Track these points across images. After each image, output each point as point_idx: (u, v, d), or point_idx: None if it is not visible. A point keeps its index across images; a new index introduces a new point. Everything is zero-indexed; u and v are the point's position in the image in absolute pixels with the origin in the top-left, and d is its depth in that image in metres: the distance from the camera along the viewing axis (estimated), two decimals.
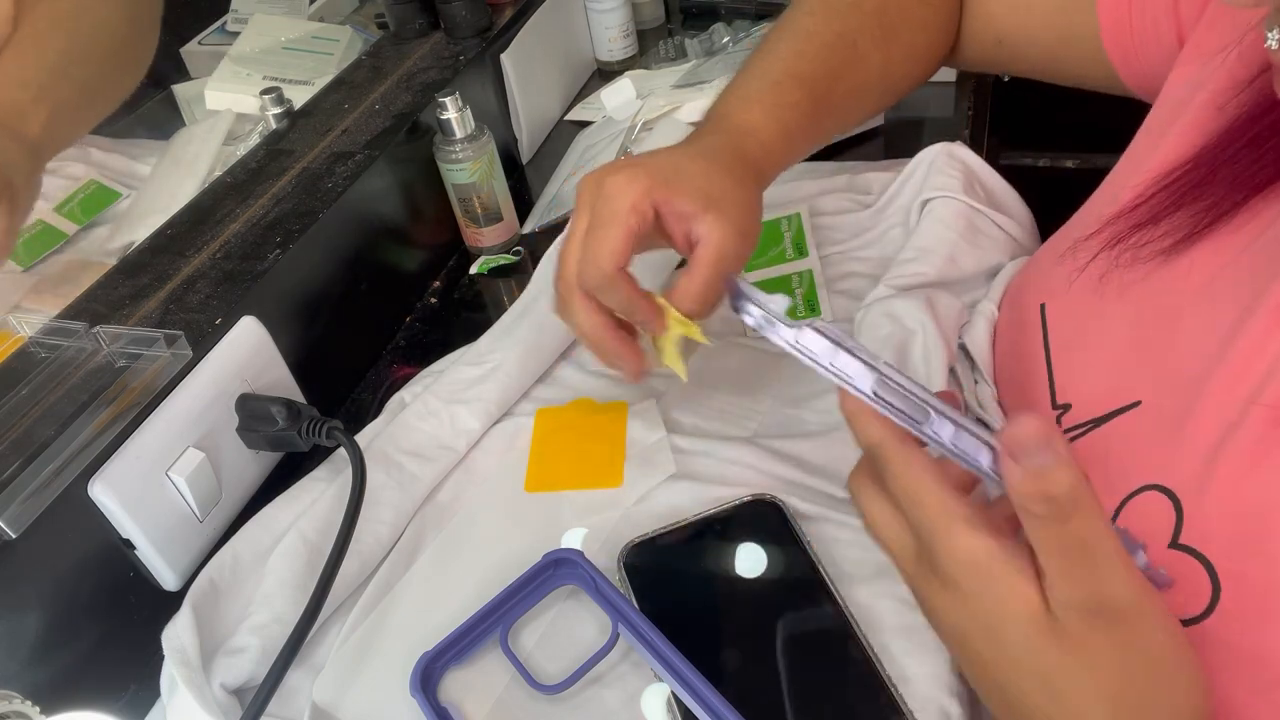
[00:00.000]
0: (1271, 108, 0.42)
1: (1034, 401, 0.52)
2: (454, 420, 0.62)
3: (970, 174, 0.70)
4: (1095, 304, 0.50)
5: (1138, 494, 0.43)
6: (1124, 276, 0.49)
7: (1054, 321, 0.53)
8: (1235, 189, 0.44)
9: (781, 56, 0.60)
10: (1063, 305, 0.53)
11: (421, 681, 0.48)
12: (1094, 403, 0.48)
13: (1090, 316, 0.50)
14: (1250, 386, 0.39)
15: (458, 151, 0.77)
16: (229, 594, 0.54)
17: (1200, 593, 0.39)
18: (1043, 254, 0.59)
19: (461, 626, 0.50)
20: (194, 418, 0.55)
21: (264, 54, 0.94)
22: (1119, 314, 0.49)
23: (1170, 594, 0.40)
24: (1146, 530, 0.42)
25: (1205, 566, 0.39)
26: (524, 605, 0.52)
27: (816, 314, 0.67)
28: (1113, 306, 0.49)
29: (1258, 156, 0.43)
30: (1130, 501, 0.43)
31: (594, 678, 0.49)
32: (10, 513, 0.46)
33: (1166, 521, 0.41)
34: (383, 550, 0.57)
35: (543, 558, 0.52)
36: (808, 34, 0.61)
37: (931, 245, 0.65)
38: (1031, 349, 0.54)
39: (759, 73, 0.60)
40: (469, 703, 0.49)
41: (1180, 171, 0.47)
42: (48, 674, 0.50)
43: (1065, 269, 0.52)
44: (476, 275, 0.81)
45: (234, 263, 0.63)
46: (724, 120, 0.57)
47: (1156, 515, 0.42)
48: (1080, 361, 0.50)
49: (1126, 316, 0.48)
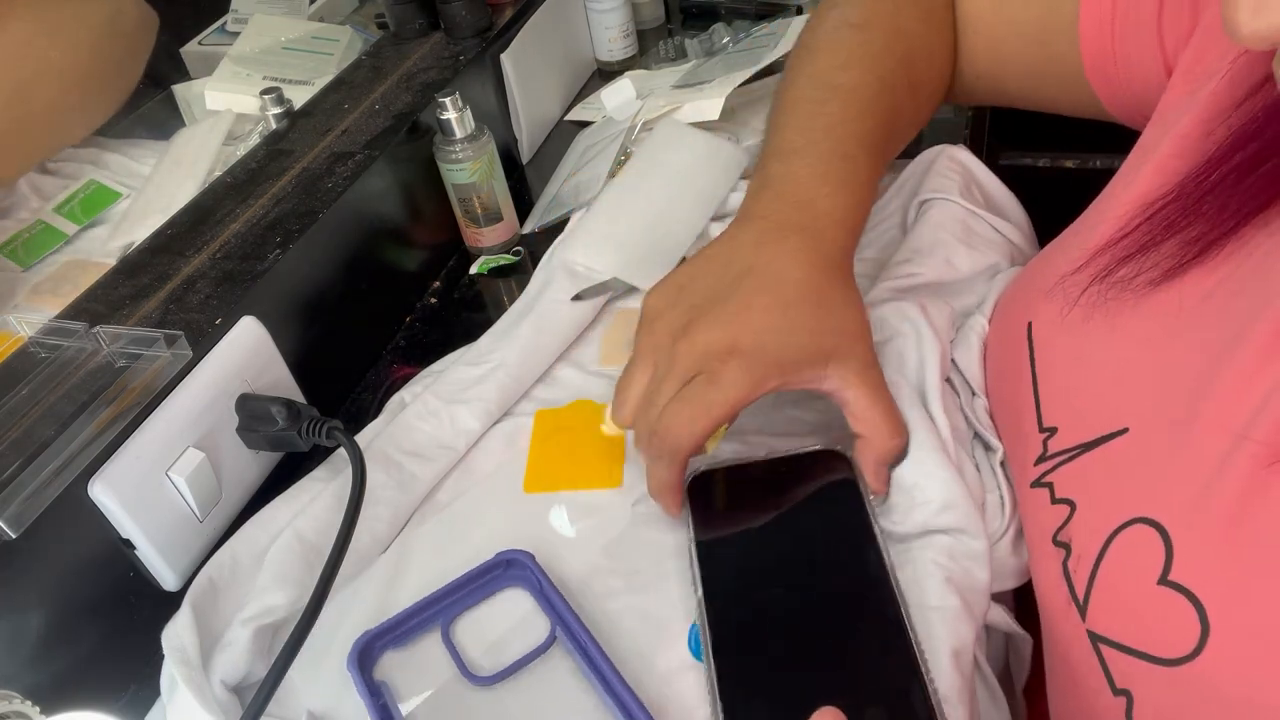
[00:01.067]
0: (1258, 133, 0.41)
1: (1022, 423, 0.51)
2: (454, 420, 0.62)
3: (969, 177, 0.70)
4: (1082, 328, 0.49)
5: (1127, 526, 0.42)
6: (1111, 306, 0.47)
7: (1040, 342, 0.52)
8: (1224, 217, 0.43)
9: (841, 121, 0.57)
10: (1049, 327, 0.51)
11: (359, 658, 0.50)
12: (1081, 428, 0.47)
13: (1077, 340, 0.49)
14: (1241, 421, 0.38)
15: (458, 151, 0.77)
16: (228, 593, 0.54)
17: (1189, 632, 0.38)
18: (1032, 271, 0.57)
19: (404, 611, 0.52)
20: (194, 418, 0.56)
21: (264, 54, 0.94)
22: (1106, 340, 0.47)
23: (1159, 632, 0.39)
24: (1134, 564, 0.41)
25: (1195, 605, 0.38)
26: (469, 599, 0.54)
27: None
28: (1100, 333, 0.48)
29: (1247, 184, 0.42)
30: (1120, 534, 0.42)
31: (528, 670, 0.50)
32: (10, 513, 0.46)
33: (1156, 557, 0.40)
34: (380, 549, 0.57)
35: (494, 556, 0.54)
36: (853, 90, 0.58)
37: (927, 247, 0.65)
38: (1018, 368, 0.52)
39: (825, 142, 0.56)
40: (404, 683, 0.51)
41: (1166, 200, 0.46)
42: (48, 674, 0.50)
43: (1055, 304, 0.50)
44: (476, 275, 0.81)
45: (234, 263, 0.63)
46: (807, 210, 0.53)
47: (1146, 549, 0.40)
48: (1066, 385, 0.49)
49: (1114, 341, 0.47)
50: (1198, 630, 0.38)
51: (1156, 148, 0.49)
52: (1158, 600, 0.39)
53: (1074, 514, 0.45)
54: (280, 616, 0.52)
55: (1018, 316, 0.55)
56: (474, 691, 0.50)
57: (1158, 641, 0.39)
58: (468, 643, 0.52)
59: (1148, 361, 0.45)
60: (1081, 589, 0.43)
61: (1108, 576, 0.42)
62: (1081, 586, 0.43)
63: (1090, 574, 0.43)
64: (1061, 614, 0.45)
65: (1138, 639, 0.40)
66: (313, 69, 0.93)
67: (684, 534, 0.53)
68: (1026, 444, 0.50)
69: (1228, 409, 0.39)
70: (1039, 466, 0.49)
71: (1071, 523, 0.45)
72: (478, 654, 0.52)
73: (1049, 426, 0.49)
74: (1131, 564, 0.41)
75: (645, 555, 0.55)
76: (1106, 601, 0.42)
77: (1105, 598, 0.42)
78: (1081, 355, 0.49)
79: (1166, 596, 0.39)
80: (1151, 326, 0.46)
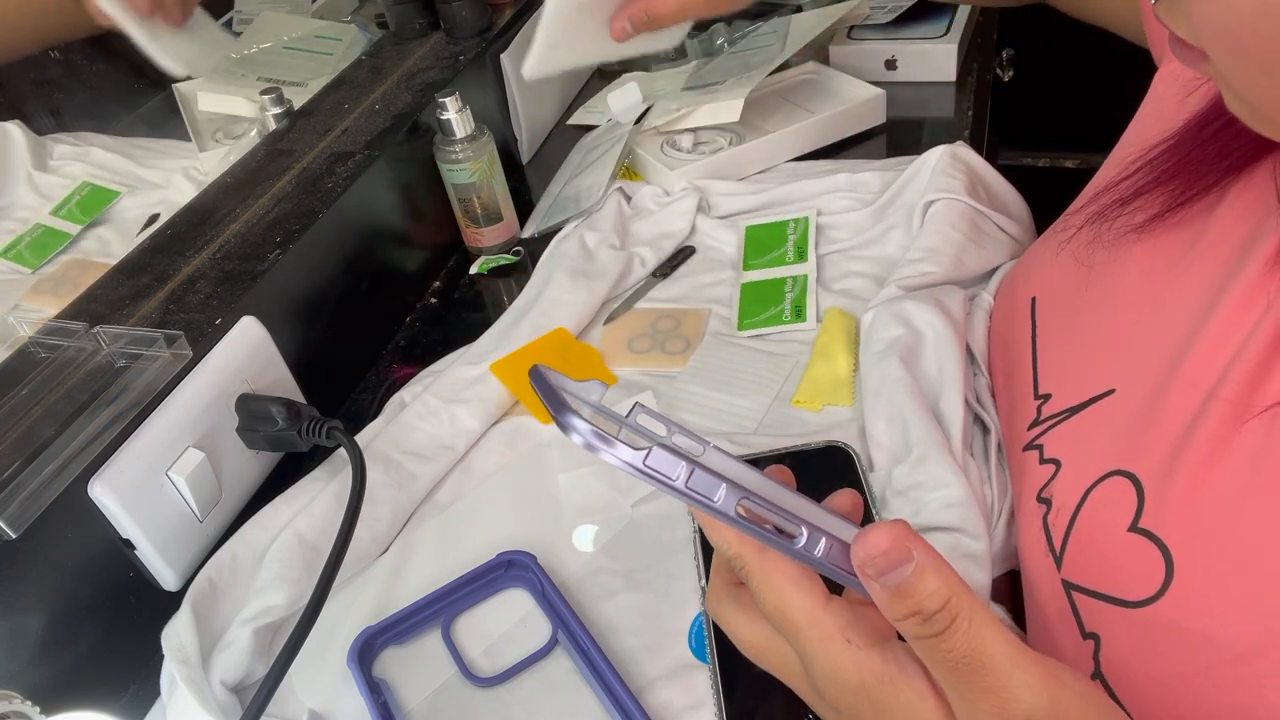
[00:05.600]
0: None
1: (1020, 393, 0.53)
2: (454, 420, 0.62)
3: (974, 176, 0.70)
4: (1080, 295, 0.51)
5: (1105, 479, 0.43)
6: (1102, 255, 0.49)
7: (1043, 313, 0.54)
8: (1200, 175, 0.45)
9: None
10: (1052, 297, 0.54)
11: (359, 654, 0.50)
12: (1072, 392, 0.49)
13: (1074, 307, 0.51)
14: (1213, 378, 0.40)
15: (458, 152, 0.77)
16: (228, 593, 0.54)
17: (1154, 576, 0.40)
18: (1037, 246, 0.60)
19: (405, 609, 0.52)
20: (194, 418, 0.56)
21: (263, 54, 0.94)
22: (1099, 304, 0.50)
23: (1127, 576, 0.41)
24: (1108, 514, 0.42)
25: (1161, 550, 0.40)
26: (470, 599, 0.54)
27: (802, 319, 0.67)
28: (1095, 296, 0.50)
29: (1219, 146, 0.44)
30: (1097, 486, 0.44)
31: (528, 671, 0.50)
32: (10, 513, 0.46)
33: (1128, 506, 0.42)
34: (380, 549, 0.58)
35: (495, 556, 0.54)
36: None
37: (939, 245, 0.66)
38: (1020, 341, 0.54)
39: None
40: (403, 681, 0.51)
41: (1159, 148, 0.48)
42: (48, 674, 0.50)
43: (1054, 243, 0.53)
44: (476, 275, 0.81)
45: (234, 263, 0.63)
46: None
47: (1119, 500, 0.42)
48: (1062, 352, 0.51)
49: (1105, 306, 0.49)
50: (1162, 573, 0.39)
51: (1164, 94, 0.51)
52: (1127, 546, 0.41)
53: (1058, 472, 0.47)
54: (280, 616, 0.52)
55: (1022, 292, 0.56)
56: (474, 691, 0.50)
57: (1124, 585, 0.41)
58: (468, 642, 0.52)
59: (1136, 325, 0.47)
60: (1059, 540, 0.45)
61: (1083, 527, 0.44)
62: (1059, 538, 0.45)
63: (1068, 526, 0.44)
64: (1039, 566, 0.46)
65: (1106, 584, 0.42)
66: (311, 69, 0.93)
67: (687, 528, 0.53)
68: (1023, 411, 0.52)
69: (1202, 367, 0.41)
70: (1032, 431, 0.50)
71: (1055, 480, 0.47)
72: (477, 654, 0.52)
73: (1044, 393, 0.51)
74: (1105, 514, 0.43)
75: (645, 555, 0.55)
76: (1080, 550, 0.44)
77: (1079, 547, 0.44)
78: (1076, 324, 0.51)
79: (1135, 542, 0.40)
80: (1137, 291, 0.48)
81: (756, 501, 0.32)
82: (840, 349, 0.63)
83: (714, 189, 0.81)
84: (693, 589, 0.52)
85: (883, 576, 0.29)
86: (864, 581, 0.30)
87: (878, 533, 0.29)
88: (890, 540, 0.29)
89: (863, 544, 0.30)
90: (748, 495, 0.32)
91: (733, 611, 0.36)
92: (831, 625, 0.32)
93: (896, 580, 0.29)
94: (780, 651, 0.35)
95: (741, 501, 0.32)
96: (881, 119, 0.88)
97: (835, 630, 0.32)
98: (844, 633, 0.32)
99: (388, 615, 0.52)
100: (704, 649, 0.49)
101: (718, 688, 0.45)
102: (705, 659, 0.49)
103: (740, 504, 0.32)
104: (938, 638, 0.29)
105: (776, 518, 0.32)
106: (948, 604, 0.28)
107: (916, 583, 0.29)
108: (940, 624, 0.29)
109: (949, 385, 0.56)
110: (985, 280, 0.67)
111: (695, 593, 0.52)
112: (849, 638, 0.32)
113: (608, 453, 0.31)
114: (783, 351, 0.66)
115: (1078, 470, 0.45)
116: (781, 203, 0.79)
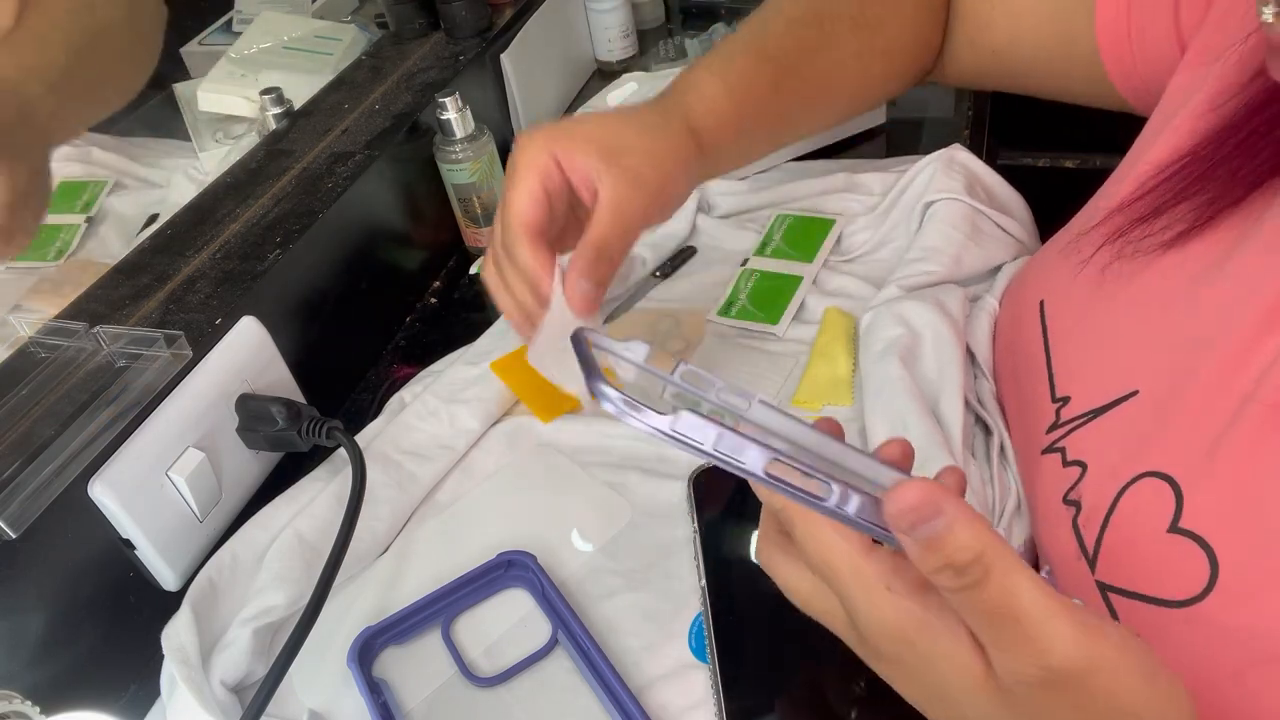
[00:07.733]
0: (1267, 103, 0.43)
1: (1034, 396, 0.53)
2: (454, 420, 0.62)
3: (972, 177, 0.71)
4: (1094, 296, 0.50)
5: (1138, 480, 0.43)
6: (1124, 268, 0.49)
7: (1053, 316, 0.53)
8: (1234, 183, 0.44)
9: (749, 29, 0.61)
10: (1062, 300, 0.53)
11: (359, 654, 0.50)
12: (1093, 394, 0.48)
13: (1089, 309, 0.51)
14: (1248, 380, 0.40)
15: (458, 152, 0.77)
16: (228, 593, 0.54)
17: (1198, 575, 0.39)
18: (1044, 251, 0.59)
19: (405, 609, 0.52)
20: (194, 418, 0.56)
21: (262, 54, 0.94)
22: (1118, 305, 0.49)
23: (1168, 576, 0.40)
24: (1145, 515, 0.42)
25: (1205, 549, 0.40)
26: (470, 599, 0.54)
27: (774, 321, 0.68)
28: (1112, 298, 0.49)
29: (1255, 152, 0.43)
30: (1130, 487, 0.43)
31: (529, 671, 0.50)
32: (10, 513, 0.46)
33: (1166, 506, 0.41)
34: (380, 549, 0.58)
35: (495, 556, 0.54)
36: (778, 10, 0.62)
37: (939, 245, 0.66)
38: (1030, 344, 0.54)
39: (723, 46, 0.60)
40: (403, 681, 0.51)
41: (1179, 164, 0.47)
42: (48, 674, 0.50)
43: (1069, 263, 0.52)
44: (476, 275, 0.81)
45: (234, 263, 0.63)
46: (670, 85, 0.57)
47: (1155, 501, 0.42)
48: (1079, 354, 0.51)
49: (1125, 307, 0.49)
50: (1207, 572, 0.39)
51: (1172, 118, 0.50)
52: (1168, 547, 0.41)
53: (1085, 474, 0.47)
54: (280, 616, 0.52)
55: (1030, 296, 0.56)
56: (474, 691, 0.50)
57: (1166, 585, 0.41)
58: (468, 642, 0.52)
59: (1157, 326, 0.46)
60: (1091, 542, 0.45)
61: (1118, 528, 0.44)
62: (1091, 540, 0.45)
63: (1101, 527, 0.44)
64: (1070, 569, 0.46)
65: (1146, 584, 0.42)
66: (310, 69, 0.93)
67: (686, 528, 0.53)
68: (1039, 414, 0.52)
69: (1235, 368, 0.41)
70: (1051, 434, 0.50)
71: (1083, 482, 0.46)
72: (477, 653, 0.52)
73: (1062, 396, 0.50)
74: (1141, 515, 0.42)
75: (645, 555, 0.55)
76: (1116, 551, 0.43)
77: (1115, 548, 0.44)
78: (1094, 323, 0.50)
79: (1176, 543, 0.40)
80: (1161, 290, 0.47)
81: (789, 461, 0.32)
82: (840, 349, 0.63)
83: (714, 188, 0.81)
84: (693, 589, 0.52)
85: (914, 530, 0.30)
86: (897, 535, 0.30)
87: (908, 488, 0.30)
88: (920, 495, 0.29)
89: (893, 499, 0.30)
90: (779, 456, 0.32)
91: (780, 561, 0.37)
92: (873, 574, 0.33)
93: (928, 534, 0.29)
94: (825, 599, 0.35)
95: (771, 462, 0.32)
96: (881, 119, 0.88)
97: (877, 578, 0.32)
98: (885, 580, 0.32)
99: (388, 615, 0.52)
100: (704, 649, 0.49)
101: (718, 688, 0.45)
102: (705, 659, 0.49)
103: (768, 466, 0.32)
104: (971, 590, 0.29)
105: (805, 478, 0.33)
106: (980, 557, 0.29)
107: (947, 536, 0.29)
108: (973, 576, 0.29)
109: (949, 386, 0.56)
110: (986, 280, 0.67)
111: (695, 593, 0.52)
112: (890, 585, 0.32)
113: (636, 419, 0.32)
114: (782, 351, 0.66)
115: (1107, 472, 0.45)
116: (782, 202, 0.79)
